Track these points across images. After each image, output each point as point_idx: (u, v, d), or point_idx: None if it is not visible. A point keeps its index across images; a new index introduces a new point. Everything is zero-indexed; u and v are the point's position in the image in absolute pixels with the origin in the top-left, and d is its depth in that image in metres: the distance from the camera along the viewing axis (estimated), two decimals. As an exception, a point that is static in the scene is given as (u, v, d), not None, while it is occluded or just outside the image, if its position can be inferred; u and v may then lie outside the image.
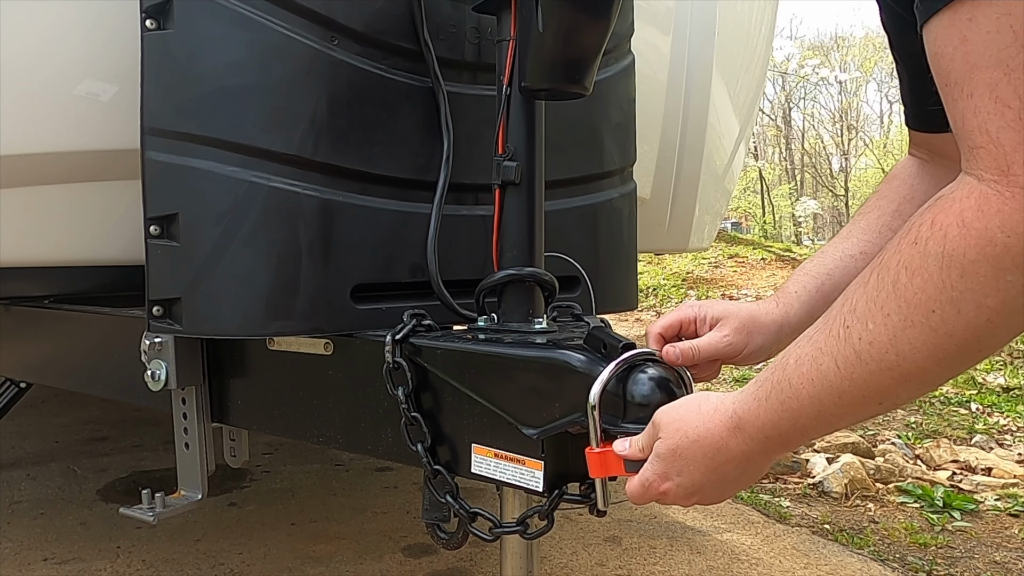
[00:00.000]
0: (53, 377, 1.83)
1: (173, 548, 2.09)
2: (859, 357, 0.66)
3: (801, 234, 22.73)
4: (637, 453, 0.85)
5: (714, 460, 0.79)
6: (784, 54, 22.52)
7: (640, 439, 0.86)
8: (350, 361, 1.20)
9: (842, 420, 0.72)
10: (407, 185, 1.24)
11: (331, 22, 1.15)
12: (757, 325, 0.99)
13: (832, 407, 0.70)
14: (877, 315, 0.65)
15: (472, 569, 1.99)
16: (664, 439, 0.81)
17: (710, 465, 0.79)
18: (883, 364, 0.65)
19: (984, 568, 2.18)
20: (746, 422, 0.77)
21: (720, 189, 2.45)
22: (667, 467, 0.81)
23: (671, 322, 1.02)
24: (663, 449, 0.81)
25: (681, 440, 0.80)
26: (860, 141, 25.60)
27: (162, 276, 1.16)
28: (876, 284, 0.66)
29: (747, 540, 2.28)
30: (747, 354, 0.99)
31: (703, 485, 0.81)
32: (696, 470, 0.80)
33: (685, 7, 1.99)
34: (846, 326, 0.68)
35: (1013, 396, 4.30)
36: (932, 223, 0.63)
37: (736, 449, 0.78)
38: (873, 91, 27.56)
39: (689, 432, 0.80)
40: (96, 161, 1.31)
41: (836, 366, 0.68)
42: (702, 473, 0.80)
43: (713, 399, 0.81)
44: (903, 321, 0.63)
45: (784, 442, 0.76)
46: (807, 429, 0.74)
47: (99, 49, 1.25)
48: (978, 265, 0.59)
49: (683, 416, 0.81)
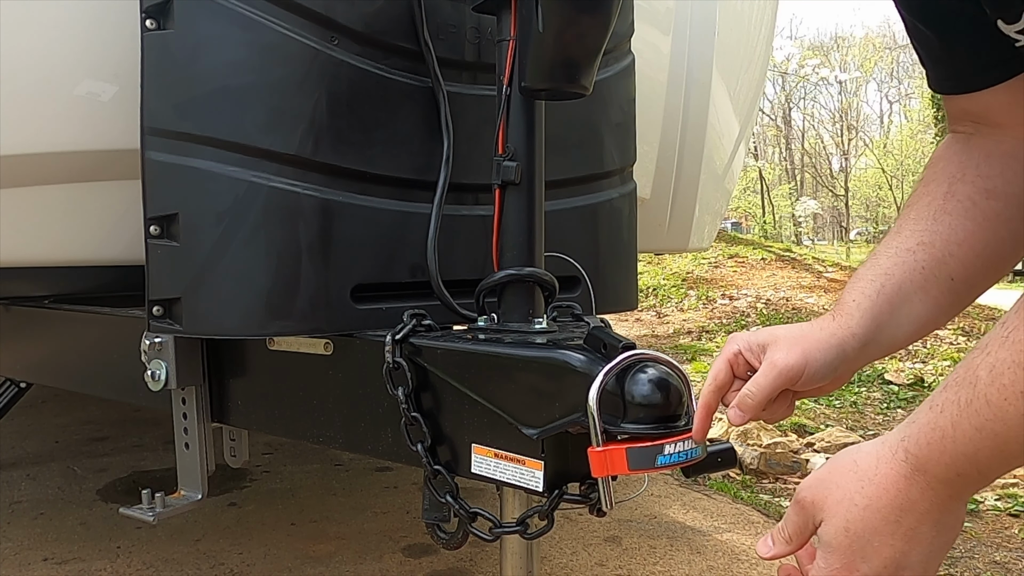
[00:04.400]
0: (53, 377, 1.83)
1: (173, 548, 2.09)
2: None
3: (801, 234, 22.74)
4: (785, 547, 0.71)
5: (900, 525, 0.64)
6: (784, 54, 22.51)
7: (786, 527, 0.71)
8: (350, 361, 1.20)
9: None
10: (407, 185, 1.24)
11: (331, 22, 1.15)
12: (811, 340, 0.85)
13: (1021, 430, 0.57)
14: None
15: (472, 569, 1.99)
16: (828, 520, 0.67)
17: (899, 532, 0.64)
18: None
19: (984, 568, 2.18)
20: (928, 461, 0.63)
21: (720, 189, 2.45)
22: (846, 555, 0.66)
23: (721, 370, 0.88)
24: (831, 533, 0.66)
25: (850, 513, 0.65)
26: (860, 141, 25.62)
27: (162, 276, 1.16)
28: None
29: (747, 540, 2.27)
30: (809, 375, 0.84)
31: (899, 562, 0.65)
32: (884, 545, 0.64)
33: (685, 7, 1.99)
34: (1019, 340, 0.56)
35: (1013, 396, 4.30)
36: None
37: (923, 502, 0.63)
38: (873, 91, 27.57)
39: (856, 498, 0.65)
40: (96, 161, 1.31)
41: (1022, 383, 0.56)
42: (893, 547, 0.64)
43: (868, 449, 0.67)
44: None
45: (983, 477, 0.62)
46: (1015, 455, 0.60)
47: (99, 49, 1.25)
48: None
49: (839, 482, 0.67)
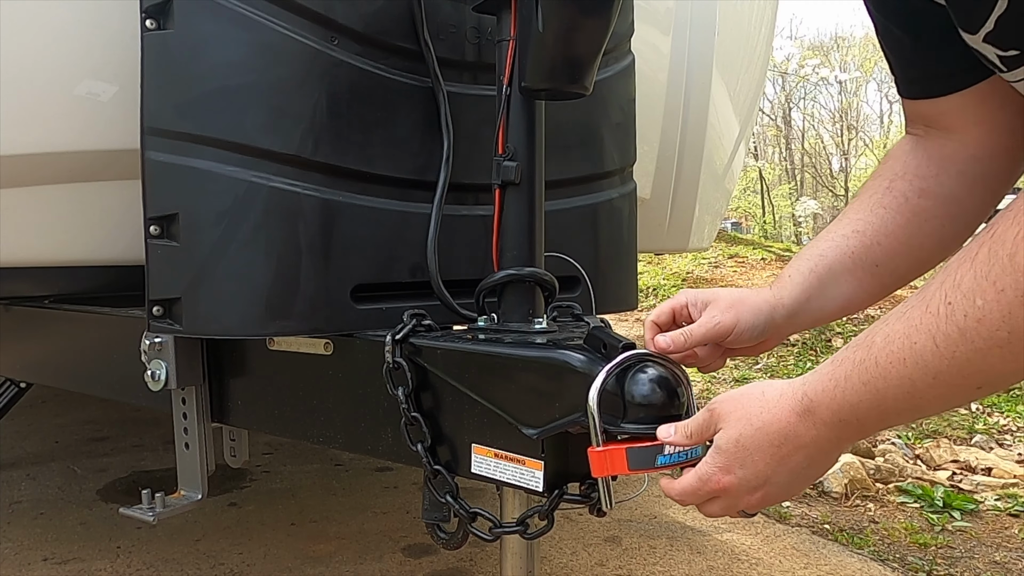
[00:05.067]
0: (53, 377, 1.83)
1: (173, 548, 2.09)
2: (963, 335, 0.62)
3: (801, 234, 22.71)
4: (683, 439, 0.81)
5: (781, 449, 0.75)
6: (784, 54, 22.53)
7: (689, 425, 0.82)
8: (350, 361, 1.20)
9: (931, 405, 0.69)
10: (407, 185, 1.24)
11: (331, 22, 1.15)
12: (745, 304, 0.97)
13: (924, 389, 0.66)
14: (989, 290, 0.61)
15: (472, 569, 1.99)
16: (726, 428, 0.77)
17: (777, 455, 0.75)
18: (992, 342, 0.61)
19: (984, 568, 2.18)
20: (819, 405, 0.73)
21: (720, 189, 2.45)
22: (729, 459, 0.77)
23: (664, 310, 1.01)
24: (724, 439, 0.77)
25: (745, 428, 0.76)
26: (860, 141, 25.61)
27: (162, 276, 1.16)
28: (987, 258, 0.61)
29: (747, 540, 2.27)
30: (738, 333, 0.96)
31: (768, 478, 0.77)
32: (761, 460, 0.76)
33: (685, 7, 1.99)
34: (948, 302, 0.63)
35: (1013, 396, 4.30)
36: None
37: (806, 435, 0.74)
38: (873, 91, 27.57)
39: (753, 419, 0.76)
40: (96, 161, 1.31)
41: (935, 344, 0.64)
42: (767, 464, 0.76)
43: (777, 385, 0.78)
44: (1020, 296, 0.59)
45: (861, 427, 0.72)
46: (890, 413, 0.70)
47: (99, 49, 1.25)
48: None
49: (746, 403, 0.78)
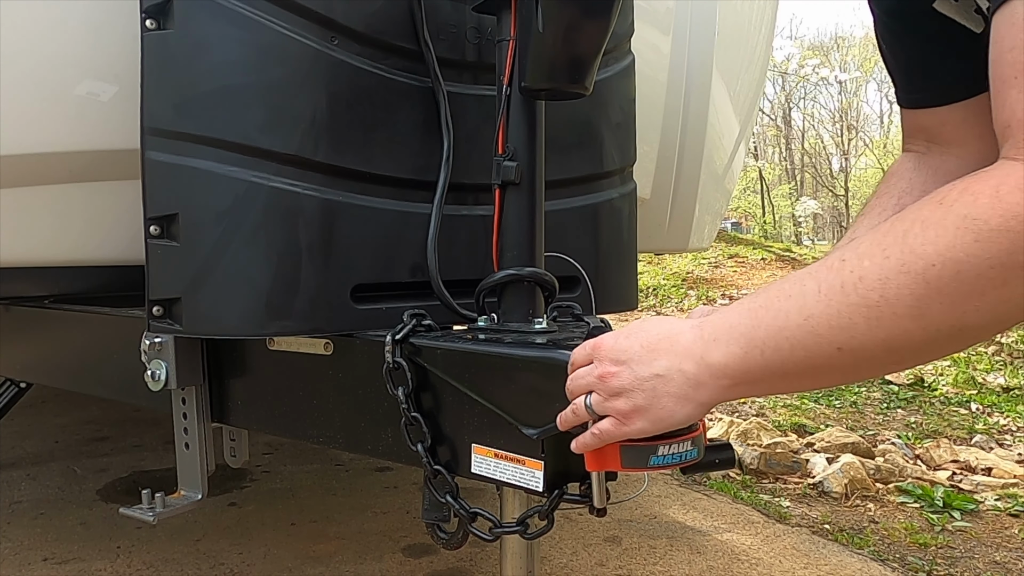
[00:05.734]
0: (53, 377, 1.83)
1: (173, 548, 2.09)
2: (843, 287, 0.67)
3: (801, 234, 22.70)
4: None
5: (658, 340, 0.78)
6: (784, 54, 22.47)
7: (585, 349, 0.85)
8: (350, 361, 1.20)
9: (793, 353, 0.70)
10: (407, 185, 1.24)
11: (331, 22, 1.15)
12: None
13: (795, 328, 0.70)
14: (877, 255, 0.66)
15: (472, 569, 1.99)
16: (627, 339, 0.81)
17: (649, 343, 0.78)
18: (864, 300, 0.66)
19: (984, 568, 2.18)
20: (706, 321, 0.77)
21: (720, 189, 2.45)
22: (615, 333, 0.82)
23: None
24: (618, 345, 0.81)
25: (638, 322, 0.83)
26: (860, 141, 25.59)
27: (162, 276, 1.16)
28: (886, 230, 0.67)
29: (747, 540, 2.28)
30: None
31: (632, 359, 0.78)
32: (636, 341, 0.79)
33: (685, 7, 1.99)
34: (842, 259, 0.69)
35: (1013, 396, 4.30)
36: (964, 189, 0.63)
37: (681, 338, 0.77)
38: (873, 91, 27.56)
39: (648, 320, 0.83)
40: (96, 161, 1.31)
41: (817, 288, 0.69)
42: (640, 346, 0.78)
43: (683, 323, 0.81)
44: (900, 266, 0.64)
45: (727, 353, 0.74)
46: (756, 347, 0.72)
47: (99, 49, 1.25)
48: (996, 235, 0.60)
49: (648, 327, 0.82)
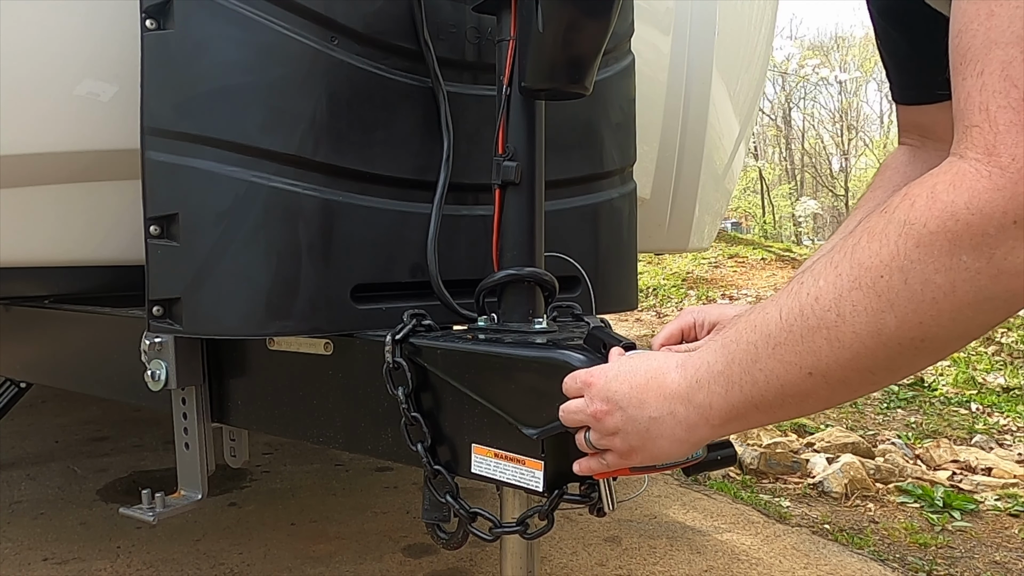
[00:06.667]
0: (53, 377, 1.83)
1: (173, 548, 2.09)
2: (802, 311, 0.67)
3: (801, 234, 22.69)
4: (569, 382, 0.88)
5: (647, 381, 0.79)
6: (784, 54, 22.45)
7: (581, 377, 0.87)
8: (350, 361, 1.20)
9: (769, 384, 0.70)
10: (407, 185, 1.24)
11: (331, 22, 1.15)
12: None
13: (765, 359, 0.69)
14: (830, 273, 0.66)
15: (472, 569, 1.99)
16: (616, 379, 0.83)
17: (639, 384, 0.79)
18: (823, 321, 0.65)
19: (984, 568, 2.18)
20: (689, 360, 0.78)
21: (720, 189, 2.45)
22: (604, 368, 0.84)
23: (672, 332, 1.02)
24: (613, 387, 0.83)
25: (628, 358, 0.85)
26: (860, 141, 25.58)
27: (162, 276, 1.16)
28: (839, 246, 0.66)
29: (747, 540, 2.28)
30: None
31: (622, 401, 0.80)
32: (626, 382, 0.80)
33: (685, 7, 1.99)
34: (800, 282, 0.69)
35: (1013, 396, 4.30)
36: (905, 194, 0.63)
37: (669, 383, 0.77)
38: (873, 91, 27.50)
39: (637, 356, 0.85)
40: (96, 161, 1.31)
41: (779, 316, 0.69)
42: (630, 388, 0.80)
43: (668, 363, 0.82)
44: (851, 282, 0.63)
45: (710, 393, 0.74)
46: (735, 383, 0.72)
47: (99, 49, 1.25)
48: (935, 237, 0.59)
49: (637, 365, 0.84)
